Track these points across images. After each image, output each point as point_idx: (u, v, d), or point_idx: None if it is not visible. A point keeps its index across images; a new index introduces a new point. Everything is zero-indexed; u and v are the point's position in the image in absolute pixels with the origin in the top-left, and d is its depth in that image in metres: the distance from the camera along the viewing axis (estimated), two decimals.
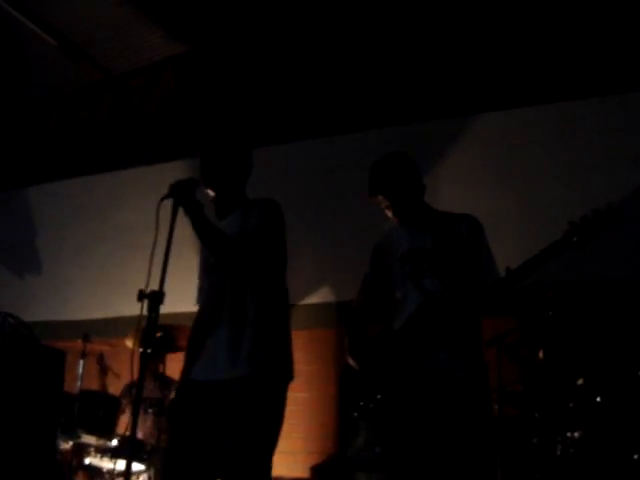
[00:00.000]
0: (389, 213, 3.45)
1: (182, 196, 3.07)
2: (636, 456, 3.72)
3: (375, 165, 3.47)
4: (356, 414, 3.32)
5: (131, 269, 5.63)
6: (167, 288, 2.95)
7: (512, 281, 3.11)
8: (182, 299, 3.55)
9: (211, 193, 3.39)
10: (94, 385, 5.67)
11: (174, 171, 3.21)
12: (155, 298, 2.86)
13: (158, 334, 4.45)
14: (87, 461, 5.08)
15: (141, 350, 2.85)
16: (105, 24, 6.25)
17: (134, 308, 2.86)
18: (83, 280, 6.97)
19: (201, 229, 3.13)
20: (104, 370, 5.62)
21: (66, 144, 7.47)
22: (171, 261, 3.28)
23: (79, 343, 5.36)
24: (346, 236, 5.96)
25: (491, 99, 5.70)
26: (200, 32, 6.36)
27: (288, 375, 3.26)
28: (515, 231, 5.00)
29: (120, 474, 4.81)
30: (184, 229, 3.14)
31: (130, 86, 7.06)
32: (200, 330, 3.29)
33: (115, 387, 5.46)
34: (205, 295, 3.36)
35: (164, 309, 3.33)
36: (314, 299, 5.98)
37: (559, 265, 3.10)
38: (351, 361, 3.38)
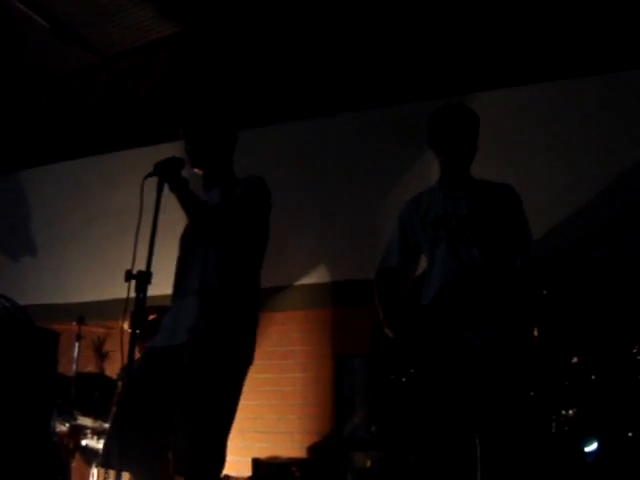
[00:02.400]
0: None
1: (167, 173, 3.08)
2: (630, 434, 3.75)
3: (438, 114, 3.32)
4: (386, 387, 3.17)
5: (126, 252, 5.62)
6: (162, 269, 2.95)
7: (554, 263, 2.98)
8: None
9: (198, 172, 3.41)
10: (91, 368, 5.67)
11: (169, 152, 3.19)
12: (142, 278, 2.85)
13: (154, 316, 4.44)
14: (84, 443, 5.09)
15: (130, 331, 2.85)
16: (97, 5, 6.19)
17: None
18: (78, 263, 6.96)
19: (188, 205, 3.14)
20: (101, 353, 5.61)
21: (58, 127, 7.44)
22: (167, 242, 3.29)
23: (74, 326, 5.36)
24: (342, 216, 5.95)
25: (482, 79, 5.66)
26: (193, 12, 6.32)
27: (246, 352, 3.22)
28: (542, 202, 4.90)
29: None
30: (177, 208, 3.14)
31: (123, 68, 7.03)
32: (172, 299, 3.33)
33: (112, 369, 5.46)
34: (177, 264, 3.38)
35: (161, 291, 3.34)
36: (310, 279, 5.97)
37: (554, 244, 3.04)
38: (390, 333, 3.20)
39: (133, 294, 2.88)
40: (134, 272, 2.85)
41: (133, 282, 2.86)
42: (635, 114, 5.16)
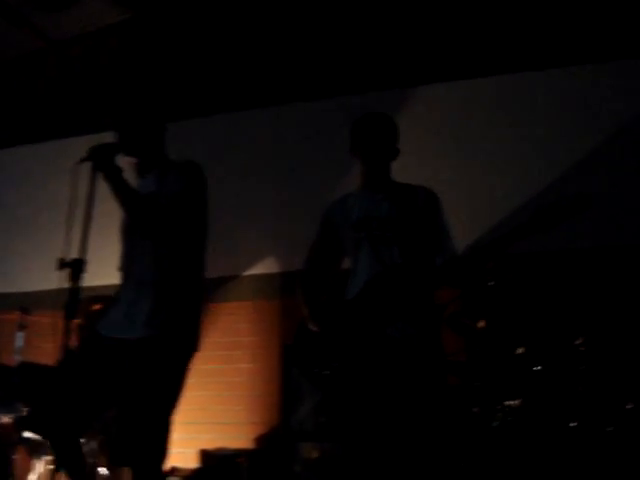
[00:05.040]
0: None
1: (101, 159, 3.05)
2: (572, 424, 3.80)
3: (358, 122, 3.45)
4: (309, 380, 3.30)
5: (73, 241, 5.55)
6: (105, 258, 2.91)
7: (472, 261, 3.13)
8: None
9: (131, 160, 3.37)
10: (37, 357, 5.58)
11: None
12: (76, 267, 2.82)
13: (99, 306, 4.38)
14: (26, 435, 5.01)
15: (69, 320, 2.82)
16: None
17: None
18: (22, 252, 6.84)
19: (121, 194, 3.10)
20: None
21: (5, 112, 7.31)
22: (110, 230, 3.25)
23: (17, 315, 5.28)
24: (292, 206, 5.94)
25: (435, 71, 5.71)
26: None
27: (191, 343, 3.22)
28: (460, 202, 5.02)
29: None
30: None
31: (72, 54, 6.93)
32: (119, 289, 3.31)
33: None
34: (121, 257, 3.35)
35: (106, 280, 3.29)
36: (258, 270, 5.96)
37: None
38: (314, 328, 3.33)
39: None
40: (67, 260, 2.82)
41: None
42: (578, 108, 5.25)
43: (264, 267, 5.93)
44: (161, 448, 3.06)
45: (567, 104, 5.32)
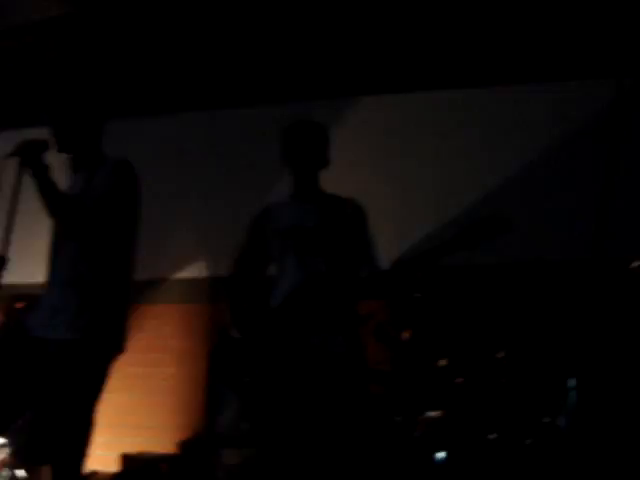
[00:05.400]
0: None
1: (28, 156, 3.00)
2: (492, 436, 3.88)
3: (287, 130, 3.43)
4: (229, 387, 3.32)
5: None
6: (30, 256, 2.87)
7: (396, 273, 3.17)
8: None
9: (66, 156, 3.33)
10: None
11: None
12: None
13: (21, 304, 4.32)
14: None
15: None
16: None
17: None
18: None
19: (45, 193, 3.03)
20: None
21: None
22: (36, 227, 3.20)
23: None
24: (222, 210, 5.91)
25: (367, 83, 5.75)
26: None
27: (115, 346, 3.18)
28: (388, 214, 5.07)
29: None
30: None
31: (7, 46, 6.78)
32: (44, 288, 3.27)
33: None
34: (47, 255, 3.30)
35: (30, 278, 3.24)
36: (187, 273, 5.92)
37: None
38: (237, 334, 3.33)
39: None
40: None
41: None
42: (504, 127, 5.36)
43: (192, 271, 5.89)
44: (80, 448, 3.03)
45: (492, 123, 5.42)
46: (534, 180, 5.21)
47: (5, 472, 4.58)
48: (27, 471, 4.39)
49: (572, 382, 4.00)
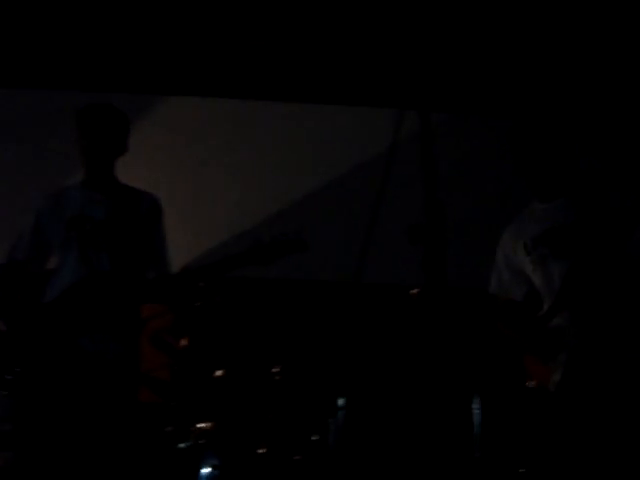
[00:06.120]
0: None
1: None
2: (261, 450, 3.89)
3: (80, 112, 3.20)
4: None
5: None
6: None
7: (184, 279, 3.13)
8: None
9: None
10: None
11: None
12: None
13: None
14: None
15: None
16: None
17: None
18: None
19: None
20: None
21: None
22: None
23: None
24: (15, 196, 5.53)
25: (177, 84, 5.64)
26: None
27: None
28: (187, 217, 4.96)
29: None
30: None
31: None
32: None
33: None
34: None
35: None
36: None
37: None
38: (2, 328, 3.08)
39: None
40: None
41: None
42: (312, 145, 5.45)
43: None
44: None
45: (298, 140, 5.49)
46: (323, 201, 5.32)
47: None
48: None
49: (341, 401, 4.12)
